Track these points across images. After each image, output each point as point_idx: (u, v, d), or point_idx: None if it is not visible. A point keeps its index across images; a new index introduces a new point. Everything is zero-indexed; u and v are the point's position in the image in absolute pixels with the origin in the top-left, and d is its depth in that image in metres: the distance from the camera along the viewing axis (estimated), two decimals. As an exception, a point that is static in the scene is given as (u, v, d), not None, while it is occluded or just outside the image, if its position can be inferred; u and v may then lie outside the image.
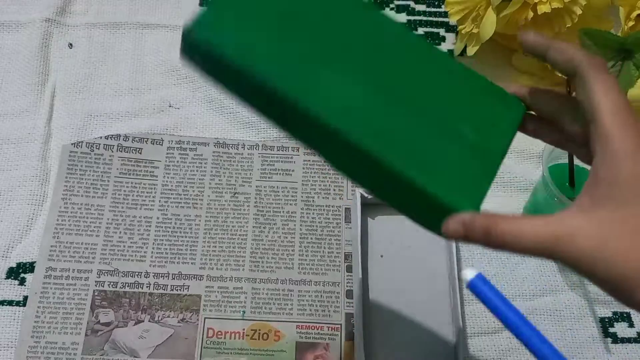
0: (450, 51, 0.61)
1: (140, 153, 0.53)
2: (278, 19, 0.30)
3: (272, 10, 0.30)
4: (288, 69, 0.29)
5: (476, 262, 0.51)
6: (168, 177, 0.53)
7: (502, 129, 0.31)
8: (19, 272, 0.49)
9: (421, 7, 0.64)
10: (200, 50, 0.29)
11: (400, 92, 0.30)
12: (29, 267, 0.49)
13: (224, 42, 0.29)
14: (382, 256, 0.51)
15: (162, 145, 0.54)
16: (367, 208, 0.52)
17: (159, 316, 0.48)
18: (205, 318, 0.48)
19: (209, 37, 0.29)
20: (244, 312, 0.48)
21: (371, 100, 0.30)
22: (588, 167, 0.28)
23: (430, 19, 0.63)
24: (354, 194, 0.52)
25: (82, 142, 0.53)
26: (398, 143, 0.29)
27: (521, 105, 0.32)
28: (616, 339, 0.49)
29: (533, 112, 0.33)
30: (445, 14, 0.59)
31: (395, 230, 0.52)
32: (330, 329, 0.48)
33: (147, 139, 0.54)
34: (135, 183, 0.52)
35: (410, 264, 0.50)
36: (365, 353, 0.46)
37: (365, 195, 0.51)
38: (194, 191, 0.52)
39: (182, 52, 0.30)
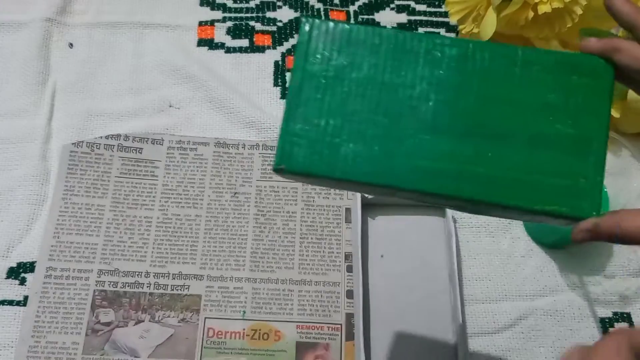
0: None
1: (141, 153, 0.53)
2: (342, 108, 0.31)
3: (333, 100, 0.31)
4: (383, 164, 0.30)
5: (477, 262, 0.51)
6: (168, 177, 0.53)
7: (596, 107, 0.31)
8: (19, 271, 0.49)
9: (421, 7, 0.64)
10: (297, 176, 0.31)
11: (485, 124, 0.30)
12: (30, 267, 0.49)
13: (313, 165, 0.30)
14: (382, 256, 0.51)
15: (162, 145, 0.54)
16: (368, 208, 0.52)
17: (159, 316, 0.48)
18: (205, 318, 0.48)
19: (299, 167, 0.30)
20: (244, 312, 0.48)
21: (463, 151, 0.30)
22: None
23: (431, 19, 0.63)
24: (354, 194, 0.52)
25: (82, 142, 0.53)
26: (506, 180, 0.30)
27: (608, 68, 0.31)
28: (616, 339, 0.49)
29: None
30: (446, 14, 0.59)
31: (396, 230, 0.52)
32: (330, 329, 0.48)
33: (148, 138, 0.54)
34: (136, 183, 0.52)
35: (410, 264, 0.50)
36: (366, 353, 0.46)
37: (366, 195, 0.51)
38: (194, 191, 0.52)
39: (276, 172, 0.31)
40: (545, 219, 0.31)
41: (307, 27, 0.32)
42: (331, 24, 0.32)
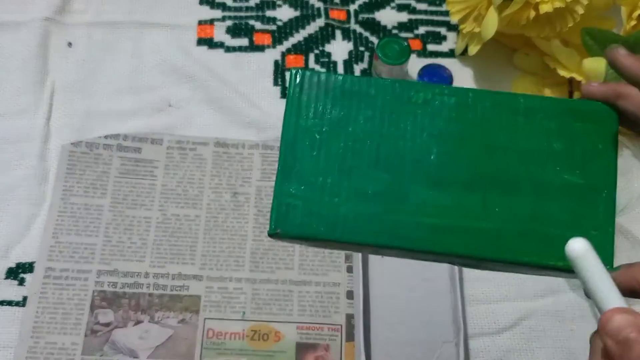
0: (452, 50, 0.61)
1: (140, 153, 0.53)
2: (340, 164, 0.29)
3: (330, 156, 0.30)
4: (387, 224, 0.29)
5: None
6: (168, 177, 0.53)
7: (602, 153, 0.30)
8: (18, 272, 0.49)
9: (422, 6, 0.63)
10: (294, 240, 0.30)
11: (491, 175, 0.29)
12: (29, 267, 0.49)
13: (312, 228, 0.29)
14: (382, 257, 0.51)
15: (161, 145, 0.54)
16: (368, 208, 0.52)
17: (158, 317, 0.47)
18: (205, 319, 0.47)
19: (297, 231, 0.29)
20: (244, 312, 0.48)
21: (469, 205, 0.29)
22: None
23: (432, 18, 0.63)
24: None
25: (81, 141, 0.53)
26: (515, 235, 0.29)
27: (612, 113, 0.30)
28: (617, 340, 0.49)
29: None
30: (447, 13, 0.59)
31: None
32: (330, 329, 0.48)
33: (147, 138, 0.54)
34: (135, 183, 0.52)
35: (411, 265, 0.50)
36: (366, 354, 0.46)
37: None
38: (193, 191, 0.52)
39: (271, 237, 0.30)
40: (557, 273, 0.29)
41: (297, 80, 0.30)
42: (323, 75, 0.30)
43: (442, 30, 0.62)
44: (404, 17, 0.63)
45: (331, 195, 0.29)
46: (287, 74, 0.58)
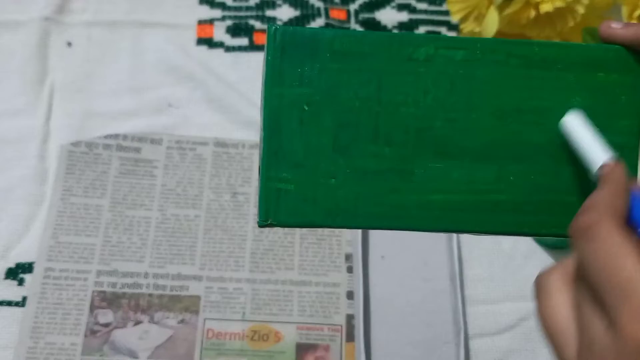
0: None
1: (140, 153, 0.53)
2: (335, 140, 0.26)
3: (322, 131, 0.26)
4: (392, 205, 0.26)
5: (478, 262, 0.51)
6: (167, 177, 0.52)
7: (627, 108, 0.27)
8: (17, 272, 0.48)
9: (422, 6, 0.63)
10: (285, 226, 0.27)
11: (505, 141, 0.26)
12: (28, 268, 0.48)
13: (307, 215, 0.26)
14: (382, 257, 0.50)
15: (161, 145, 0.54)
16: (368, 208, 0.52)
17: (158, 317, 0.47)
18: (205, 319, 0.47)
19: (290, 219, 0.26)
20: (244, 313, 0.48)
21: (482, 178, 0.26)
22: None
23: (432, 17, 0.63)
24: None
25: (80, 141, 0.53)
26: (534, 206, 0.26)
27: (638, 60, 0.27)
28: (618, 340, 0.49)
29: None
30: (447, 13, 0.59)
31: (396, 231, 0.51)
32: (330, 330, 0.48)
33: (146, 138, 0.54)
34: (134, 183, 0.52)
35: (411, 265, 0.50)
36: (366, 354, 0.46)
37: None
38: (193, 191, 0.52)
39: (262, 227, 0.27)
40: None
41: (278, 39, 0.26)
42: (307, 32, 0.26)
43: (443, 30, 0.62)
44: (404, 16, 0.63)
45: (327, 176, 0.26)
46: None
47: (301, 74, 0.26)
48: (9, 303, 0.47)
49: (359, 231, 0.50)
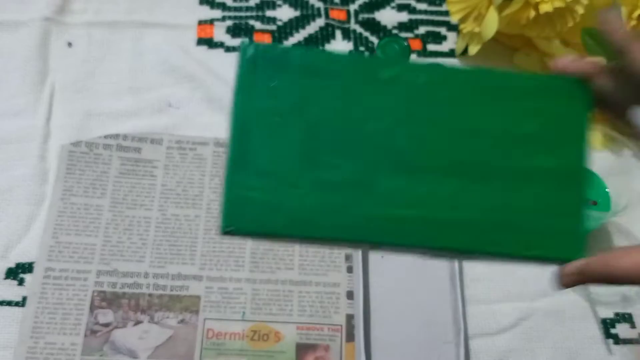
0: (452, 50, 0.61)
1: (140, 153, 0.53)
2: (300, 152, 0.27)
3: (288, 142, 0.27)
4: (353, 216, 0.26)
5: (477, 262, 0.51)
6: (167, 177, 0.52)
7: (575, 135, 0.28)
8: (17, 272, 0.48)
9: (422, 6, 0.63)
10: (251, 237, 0.27)
11: (461, 161, 0.27)
12: (28, 268, 0.48)
13: (270, 223, 0.26)
14: (382, 257, 0.50)
15: (161, 145, 0.54)
16: (368, 208, 0.52)
17: (158, 317, 0.47)
18: (205, 319, 0.47)
19: (252, 227, 0.26)
20: (244, 313, 0.48)
21: (440, 194, 0.27)
22: None
23: (432, 18, 0.63)
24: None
25: (81, 141, 0.53)
26: (489, 225, 0.27)
27: (586, 91, 0.28)
28: (618, 340, 0.49)
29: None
30: (447, 13, 0.59)
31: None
32: (330, 330, 0.48)
33: (147, 138, 0.54)
34: (135, 183, 0.52)
35: (411, 265, 0.50)
36: (366, 354, 0.46)
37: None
38: (193, 191, 0.52)
39: (224, 234, 0.27)
40: (532, 263, 0.28)
41: (250, 53, 0.28)
42: (278, 49, 0.27)
43: (442, 30, 0.62)
44: (404, 17, 0.63)
45: (291, 186, 0.26)
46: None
47: (271, 88, 0.27)
48: (9, 303, 0.47)
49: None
